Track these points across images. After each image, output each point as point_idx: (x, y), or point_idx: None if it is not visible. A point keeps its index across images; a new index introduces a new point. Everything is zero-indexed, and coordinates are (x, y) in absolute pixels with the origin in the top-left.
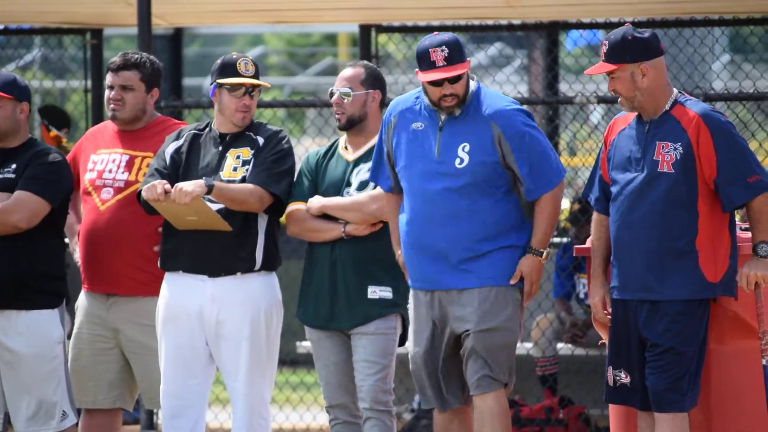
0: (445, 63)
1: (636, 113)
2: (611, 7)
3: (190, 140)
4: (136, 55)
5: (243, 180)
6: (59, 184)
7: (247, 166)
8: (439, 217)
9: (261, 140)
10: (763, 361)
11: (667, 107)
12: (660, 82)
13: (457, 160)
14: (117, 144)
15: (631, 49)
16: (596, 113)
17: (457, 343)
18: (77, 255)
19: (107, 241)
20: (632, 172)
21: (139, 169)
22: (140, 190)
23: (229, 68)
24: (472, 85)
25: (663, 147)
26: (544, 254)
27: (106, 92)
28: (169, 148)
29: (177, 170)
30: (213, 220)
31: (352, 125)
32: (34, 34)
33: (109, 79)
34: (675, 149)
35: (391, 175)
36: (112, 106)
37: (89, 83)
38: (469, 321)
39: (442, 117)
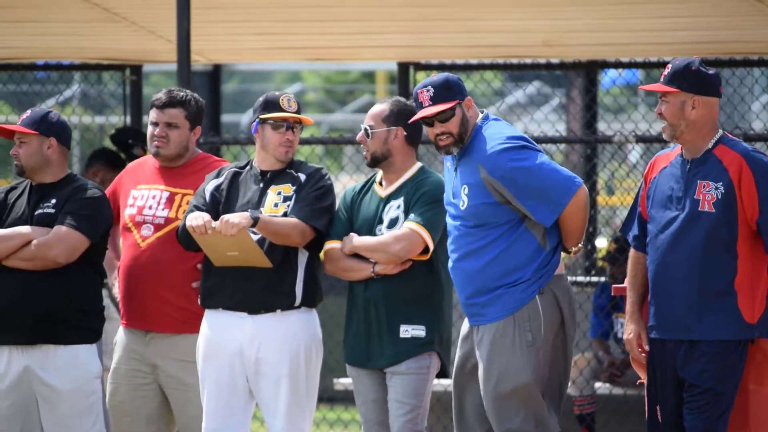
0: (431, 102)
1: (678, 152)
2: (649, 47)
3: (230, 178)
4: (182, 93)
5: (284, 216)
6: (99, 219)
7: (288, 202)
8: (459, 254)
9: (303, 177)
10: None
11: (709, 146)
12: (707, 121)
13: (461, 203)
14: (158, 180)
15: (690, 79)
16: (635, 152)
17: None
18: (116, 290)
19: (146, 277)
20: (672, 210)
21: (180, 206)
22: (180, 226)
23: (272, 105)
24: (477, 120)
25: (704, 186)
26: (575, 249)
27: (150, 128)
28: (210, 186)
29: (217, 208)
30: (255, 254)
31: (377, 162)
32: (74, 70)
33: (153, 115)
34: (716, 189)
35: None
36: (156, 143)
37: (128, 119)
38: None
39: (458, 158)
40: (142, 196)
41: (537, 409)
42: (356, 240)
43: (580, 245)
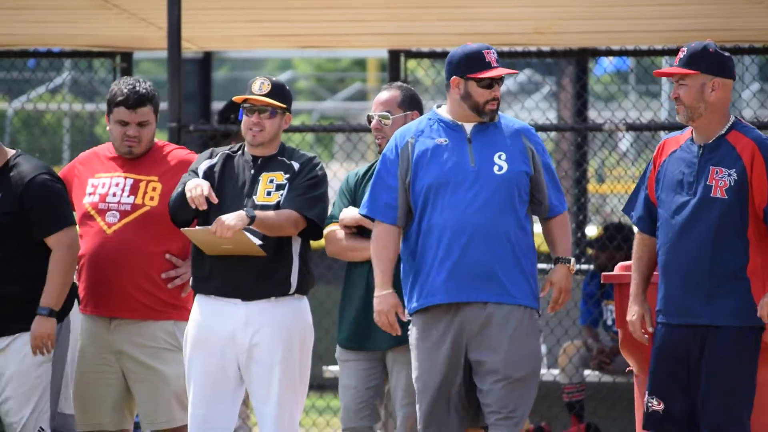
0: (497, 65)
1: (688, 136)
2: (640, 35)
3: (223, 160)
4: (146, 86)
5: (278, 205)
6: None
7: (281, 191)
8: (471, 230)
9: (296, 165)
10: None
11: (722, 132)
12: (724, 104)
13: (495, 167)
14: (117, 168)
15: (709, 60)
16: (625, 140)
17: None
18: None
19: (115, 264)
20: (683, 195)
21: (145, 192)
22: (173, 197)
23: (247, 89)
24: None
25: (717, 172)
26: (572, 262)
27: (117, 127)
28: (203, 165)
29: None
30: (249, 247)
31: None
32: (64, 57)
33: (122, 115)
34: (729, 175)
35: (399, 206)
36: (127, 143)
37: None
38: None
39: (468, 129)
40: (103, 184)
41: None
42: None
43: (573, 259)
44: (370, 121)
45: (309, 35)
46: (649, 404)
